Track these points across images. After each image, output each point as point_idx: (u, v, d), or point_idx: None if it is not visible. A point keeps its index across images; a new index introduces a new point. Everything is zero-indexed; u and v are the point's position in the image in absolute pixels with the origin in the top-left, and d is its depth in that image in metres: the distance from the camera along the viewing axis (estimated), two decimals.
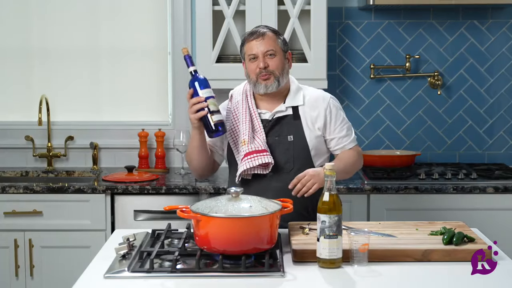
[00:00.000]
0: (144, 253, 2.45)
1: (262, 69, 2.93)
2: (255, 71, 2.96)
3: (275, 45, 2.96)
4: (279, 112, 3.00)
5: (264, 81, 2.95)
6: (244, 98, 3.04)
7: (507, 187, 3.75)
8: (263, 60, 2.94)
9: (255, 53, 2.95)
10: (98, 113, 4.40)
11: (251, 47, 2.97)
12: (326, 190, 2.35)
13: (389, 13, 4.26)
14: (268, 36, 2.96)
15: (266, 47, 2.94)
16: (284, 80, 2.99)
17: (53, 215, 3.77)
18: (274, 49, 2.95)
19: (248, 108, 3.01)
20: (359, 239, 2.35)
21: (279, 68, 2.96)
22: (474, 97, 4.32)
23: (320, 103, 3.02)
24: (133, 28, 4.35)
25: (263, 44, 2.95)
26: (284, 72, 2.99)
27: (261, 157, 2.91)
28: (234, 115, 3.03)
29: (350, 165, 3.01)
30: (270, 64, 2.95)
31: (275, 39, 2.97)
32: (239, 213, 2.38)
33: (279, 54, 2.97)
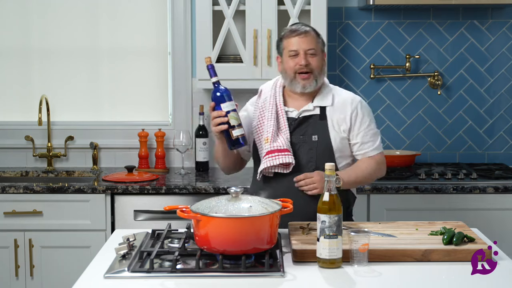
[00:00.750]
0: (144, 253, 2.45)
1: (302, 65, 2.93)
2: (294, 67, 2.95)
3: (316, 45, 2.97)
4: (306, 111, 2.99)
5: (303, 80, 2.95)
6: (273, 94, 3.03)
7: (507, 187, 3.75)
8: (304, 58, 2.93)
9: (297, 49, 2.95)
10: (98, 113, 4.40)
11: (293, 43, 2.96)
12: (326, 190, 2.35)
13: (389, 13, 4.26)
14: (311, 35, 2.96)
15: (309, 45, 2.94)
16: (321, 80, 2.99)
17: (53, 215, 3.77)
18: (315, 49, 2.96)
19: (275, 105, 3.00)
20: (359, 239, 2.35)
21: (318, 67, 2.96)
22: (474, 97, 4.32)
23: (347, 105, 3.00)
24: (133, 28, 4.35)
25: (306, 41, 2.94)
26: (322, 72, 3.00)
27: (282, 157, 2.90)
28: (261, 112, 3.02)
29: (363, 177, 2.98)
30: (311, 62, 2.94)
31: (316, 39, 2.98)
32: (239, 213, 2.38)
33: (319, 54, 2.97)
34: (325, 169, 2.36)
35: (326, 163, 2.38)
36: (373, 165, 3.00)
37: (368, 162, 3.00)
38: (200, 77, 4.00)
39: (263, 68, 3.97)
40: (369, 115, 3.03)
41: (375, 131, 3.03)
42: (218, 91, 2.88)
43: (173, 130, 4.28)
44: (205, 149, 4.20)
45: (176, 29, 4.26)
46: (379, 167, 3.03)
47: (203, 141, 4.20)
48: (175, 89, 4.31)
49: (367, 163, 2.99)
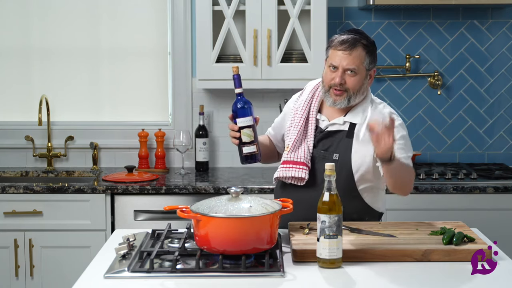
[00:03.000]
0: (144, 253, 2.44)
1: (337, 83, 2.78)
2: (330, 82, 2.81)
3: (360, 64, 2.78)
4: (335, 125, 2.86)
5: (335, 96, 2.80)
6: (310, 98, 2.92)
7: (507, 187, 3.75)
8: (341, 76, 2.78)
9: (337, 65, 2.78)
10: (98, 113, 4.40)
11: (335, 57, 2.79)
12: (326, 190, 2.35)
13: (389, 13, 4.26)
14: (357, 53, 2.77)
15: (350, 64, 2.77)
16: (356, 99, 2.82)
17: (53, 215, 3.78)
18: (357, 68, 2.77)
19: (308, 111, 2.90)
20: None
21: (355, 88, 2.79)
22: (474, 97, 4.32)
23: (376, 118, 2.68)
24: (133, 28, 4.35)
25: (348, 59, 2.77)
26: (360, 92, 2.81)
27: (296, 170, 2.81)
28: (295, 113, 2.93)
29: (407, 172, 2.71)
30: (347, 81, 2.78)
31: (363, 56, 2.79)
32: (239, 213, 2.38)
33: (360, 73, 2.79)
34: (325, 169, 2.36)
35: (326, 163, 2.37)
36: (412, 175, 2.75)
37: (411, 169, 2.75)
38: (200, 77, 4.00)
39: (263, 68, 3.97)
40: (401, 131, 2.78)
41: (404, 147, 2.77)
42: (239, 103, 2.80)
43: (173, 130, 4.28)
44: (205, 149, 4.20)
45: (176, 29, 4.26)
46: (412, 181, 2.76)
47: (203, 141, 4.20)
48: (175, 89, 4.31)
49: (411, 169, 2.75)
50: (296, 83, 3.23)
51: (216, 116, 4.31)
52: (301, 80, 3.28)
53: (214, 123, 4.32)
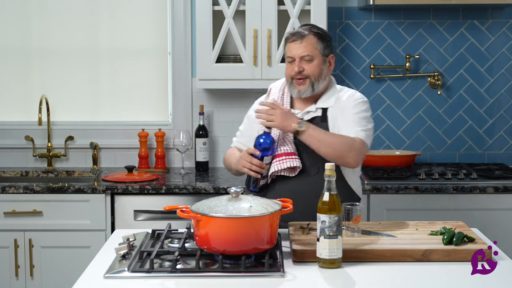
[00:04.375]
0: (144, 253, 2.45)
1: (296, 72, 2.91)
2: (290, 74, 2.94)
3: (313, 50, 2.91)
4: (308, 113, 2.96)
5: (299, 86, 2.92)
6: (281, 95, 3.02)
7: (507, 187, 3.75)
8: (298, 64, 2.91)
9: (293, 56, 2.92)
10: (98, 113, 4.40)
11: (290, 49, 2.94)
12: (326, 190, 2.35)
13: (389, 13, 4.26)
14: (308, 40, 2.91)
15: (303, 51, 2.90)
16: (320, 85, 2.93)
17: (53, 215, 3.77)
18: (312, 54, 2.90)
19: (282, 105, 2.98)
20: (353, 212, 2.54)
21: (315, 73, 2.91)
22: (474, 97, 4.32)
23: (345, 100, 2.95)
24: (133, 28, 4.35)
25: (301, 47, 2.90)
26: (321, 77, 2.93)
27: (290, 160, 2.88)
28: None
29: (330, 142, 2.80)
30: (305, 68, 2.91)
31: (315, 43, 2.91)
32: (239, 213, 2.38)
33: (317, 59, 2.91)
34: (325, 169, 2.36)
35: (326, 163, 2.38)
36: (348, 141, 2.82)
37: (346, 136, 2.85)
38: (200, 77, 4.00)
39: (263, 68, 3.97)
40: (362, 107, 2.93)
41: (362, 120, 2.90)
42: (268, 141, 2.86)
43: (173, 130, 4.28)
44: (205, 149, 4.20)
45: (176, 29, 4.26)
46: (352, 148, 2.81)
47: (203, 141, 4.20)
48: (175, 89, 4.31)
49: (344, 135, 2.85)
50: None
51: (216, 116, 4.31)
52: None
53: (214, 123, 4.32)
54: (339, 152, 2.81)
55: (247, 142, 3.09)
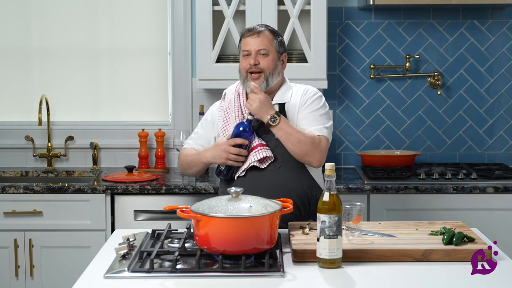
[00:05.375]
0: (144, 253, 2.45)
1: (252, 65, 2.98)
2: (246, 67, 3.01)
3: (269, 45, 3.01)
4: None
5: (253, 80, 2.99)
6: (236, 96, 3.08)
7: (507, 187, 3.75)
8: (254, 57, 2.99)
9: (249, 50, 3.00)
10: (98, 113, 4.40)
11: (246, 43, 3.02)
12: (326, 190, 2.35)
13: (389, 13, 4.26)
14: (264, 35, 3.01)
15: (260, 46, 2.99)
16: (274, 80, 3.02)
17: (53, 215, 3.77)
18: (267, 49, 3.00)
19: (239, 106, 3.05)
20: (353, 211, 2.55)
21: (270, 67, 3.00)
22: (474, 97, 4.32)
23: (300, 95, 3.04)
24: (133, 28, 4.35)
25: (258, 42, 3.00)
26: (275, 73, 3.02)
27: (265, 150, 2.95)
28: (226, 114, 3.08)
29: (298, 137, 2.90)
30: (261, 62, 2.99)
31: (271, 39, 3.02)
32: (239, 213, 2.38)
33: (272, 54, 3.01)
34: (325, 169, 2.36)
35: (326, 163, 2.38)
36: (315, 140, 2.93)
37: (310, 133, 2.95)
38: (200, 77, 4.00)
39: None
40: (320, 103, 3.03)
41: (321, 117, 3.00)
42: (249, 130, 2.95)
43: (173, 130, 4.28)
44: None
45: (176, 29, 4.26)
46: (316, 145, 2.92)
47: None
48: (175, 89, 4.31)
49: (309, 133, 2.94)
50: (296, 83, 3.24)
51: None
52: (301, 80, 3.28)
53: None
54: (305, 150, 2.92)
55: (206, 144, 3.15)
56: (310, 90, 3.07)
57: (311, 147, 2.92)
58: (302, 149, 2.91)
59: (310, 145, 2.92)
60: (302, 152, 2.91)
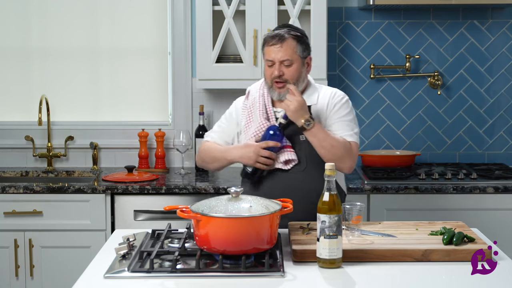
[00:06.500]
0: (144, 253, 2.45)
1: (276, 76, 2.93)
2: (270, 76, 2.96)
3: (293, 54, 2.93)
4: None
5: (278, 89, 2.96)
6: (261, 95, 3.04)
7: (507, 187, 3.75)
8: (278, 68, 2.93)
9: (272, 60, 2.94)
10: (98, 113, 4.40)
11: (269, 52, 2.95)
12: (326, 190, 2.35)
13: (389, 13, 4.26)
14: (287, 44, 2.92)
15: (283, 56, 2.92)
16: (299, 87, 2.97)
17: (53, 215, 3.77)
18: (291, 58, 2.93)
19: (264, 105, 3.02)
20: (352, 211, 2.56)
21: (294, 77, 2.95)
22: (474, 97, 4.32)
23: (327, 99, 3.01)
24: (133, 28, 4.35)
25: (281, 51, 2.92)
26: (300, 80, 2.97)
27: (288, 153, 2.93)
28: (250, 112, 3.04)
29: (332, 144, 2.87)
30: (285, 72, 2.94)
31: (294, 46, 2.93)
32: (239, 213, 2.38)
33: (296, 62, 2.94)
34: (325, 169, 2.36)
35: (326, 163, 2.38)
36: (346, 144, 2.91)
37: (343, 139, 2.93)
38: (200, 77, 4.00)
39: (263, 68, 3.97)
40: (348, 108, 3.01)
41: (351, 122, 2.99)
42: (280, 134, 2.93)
43: (173, 130, 4.28)
44: None
45: (176, 29, 4.26)
46: (349, 151, 2.91)
47: None
48: (175, 89, 4.31)
49: (342, 139, 2.92)
50: None
51: (216, 116, 4.31)
52: None
53: (214, 123, 4.30)
54: (338, 156, 2.89)
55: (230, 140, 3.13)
56: (338, 93, 3.03)
57: (343, 153, 2.89)
58: (334, 154, 2.88)
59: (342, 151, 2.89)
60: (334, 157, 2.87)
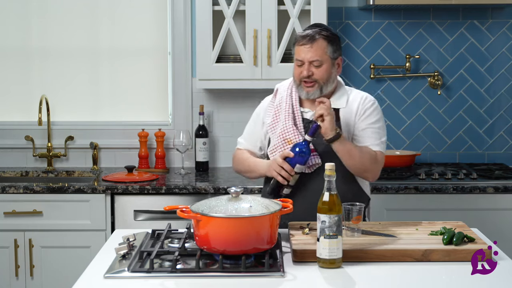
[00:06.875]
0: (144, 253, 2.45)
1: (305, 76, 2.90)
2: (299, 76, 2.93)
3: (323, 54, 2.90)
4: None
5: (307, 88, 2.92)
6: (289, 94, 3.01)
7: (507, 187, 3.75)
8: (307, 68, 2.90)
9: (302, 59, 2.91)
10: (98, 113, 4.40)
11: (299, 52, 2.91)
12: (326, 190, 2.35)
13: (389, 13, 4.26)
14: (318, 45, 2.89)
15: (313, 56, 2.89)
16: (328, 88, 2.94)
17: (53, 215, 3.77)
18: (321, 59, 2.89)
19: (291, 105, 2.99)
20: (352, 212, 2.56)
21: (323, 77, 2.91)
22: (474, 97, 4.32)
23: (357, 103, 2.96)
24: (133, 28, 4.35)
25: (311, 52, 2.89)
26: (330, 81, 2.93)
27: (312, 158, 2.89)
28: (277, 111, 3.01)
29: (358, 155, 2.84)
30: (315, 72, 2.90)
31: (324, 47, 2.90)
32: (239, 213, 2.38)
33: (326, 63, 2.91)
34: (325, 169, 2.36)
35: (326, 163, 2.38)
36: (372, 154, 2.89)
37: (369, 149, 2.91)
38: (200, 77, 4.00)
39: (263, 68, 3.97)
40: (377, 115, 2.97)
41: (379, 130, 2.96)
42: (303, 150, 2.84)
43: (173, 130, 4.28)
44: (205, 149, 4.20)
45: (176, 29, 4.26)
46: (375, 161, 2.89)
47: (203, 141, 4.20)
48: (175, 89, 4.31)
49: (368, 149, 2.90)
50: None
51: (216, 116, 4.31)
52: None
53: (214, 123, 4.32)
54: (364, 166, 2.88)
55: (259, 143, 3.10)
56: (368, 99, 2.99)
57: (370, 163, 2.88)
58: (362, 164, 2.86)
59: (369, 162, 2.88)
60: (362, 168, 2.87)
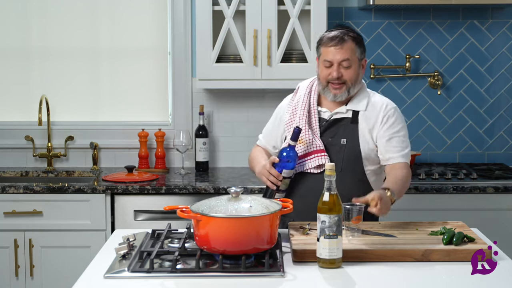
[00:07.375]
0: (144, 253, 2.45)
1: (334, 77, 2.88)
2: (327, 77, 2.90)
3: (353, 55, 2.88)
4: (338, 114, 2.95)
5: (335, 90, 2.90)
6: (308, 93, 3.00)
7: (507, 187, 3.75)
8: (337, 70, 2.88)
9: (331, 60, 2.88)
10: (98, 113, 4.40)
11: (328, 53, 2.89)
12: (326, 190, 2.35)
13: (389, 13, 4.26)
14: (348, 46, 2.87)
15: (343, 57, 2.87)
16: (355, 89, 2.93)
17: (53, 215, 3.77)
18: (351, 59, 2.88)
19: (308, 104, 2.97)
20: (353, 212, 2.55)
21: (352, 79, 2.89)
22: (474, 97, 4.32)
23: (380, 110, 2.93)
24: (133, 28, 4.35)
25: (341, 53, 2.87)
26: (357, 82, 2.92)
27: (321, 158, 2.88)
28: (294, 108, 3.01)
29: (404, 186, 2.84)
30: (344, 74, 2.88)
31: (353, 48, 2.89)
32: (239, 213, 2.38)
33: (354, 64, 2.89)
34: (326, 169, 2.36)
35: (326, 163, 2.38)
36: (406, 172, 2.87)
37: (401, 170, 2.87)
38: (200, 77, 4.00)
39: (263, 68, 3.97)
40: (401, 123, 2.94)
41: (404, 139, 2.93)
42: (290, 155, 2.84)
43: (173, 130, 4.28)
44: (205, 149, 4.20)
45: (176, 29, 4.26)
46: (408, 177, 2.87)
47: (203, 141, 4.20)
48: (175, 89, 4.31)
49: (400, 171, 2.86)
50: (296, 83, 3.25)
51: (216, 116, 4.31)
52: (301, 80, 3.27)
53: (214, 123, 4.32)
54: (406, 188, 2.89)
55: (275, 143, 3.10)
56: (389, 105, 2.95)
57: (408, 182, 2.88)
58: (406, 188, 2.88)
59: (408, 182, 2.87)
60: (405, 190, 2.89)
